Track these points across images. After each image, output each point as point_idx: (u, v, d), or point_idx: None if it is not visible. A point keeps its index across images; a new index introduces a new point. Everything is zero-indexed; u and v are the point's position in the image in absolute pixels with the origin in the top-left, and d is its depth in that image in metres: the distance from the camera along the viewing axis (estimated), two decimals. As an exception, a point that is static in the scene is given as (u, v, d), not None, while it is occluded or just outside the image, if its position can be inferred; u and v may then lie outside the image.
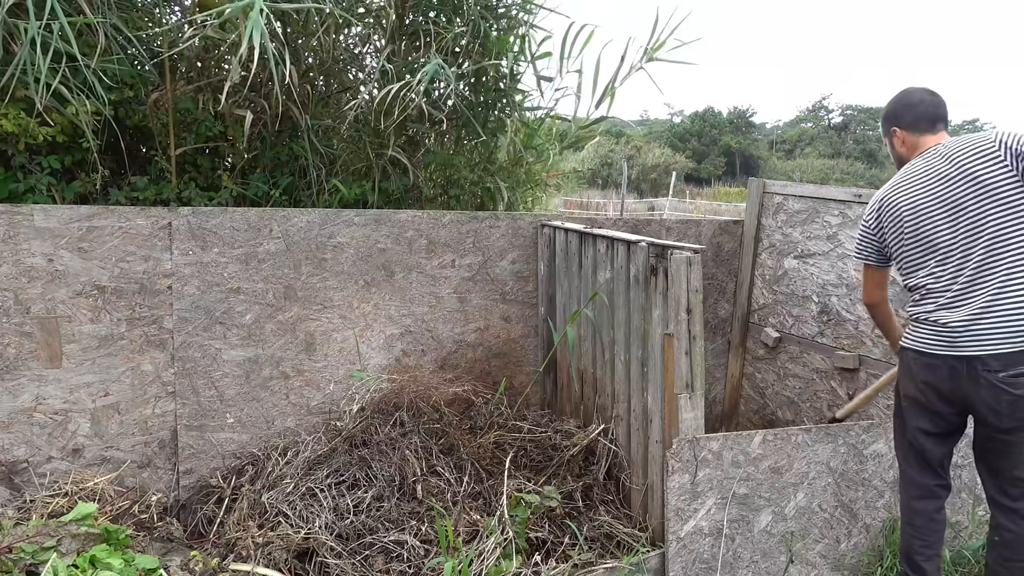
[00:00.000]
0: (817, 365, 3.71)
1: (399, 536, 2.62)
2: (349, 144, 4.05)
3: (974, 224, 2.21)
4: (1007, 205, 2.16)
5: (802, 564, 2.68)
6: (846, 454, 2.71)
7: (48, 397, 2.88)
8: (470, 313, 3.59)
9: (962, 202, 2.24)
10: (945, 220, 2.28)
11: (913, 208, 2.36)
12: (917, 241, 2.35)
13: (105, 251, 2.91)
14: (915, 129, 2.47)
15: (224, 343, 3.12)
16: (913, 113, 2.47)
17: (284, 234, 3.19)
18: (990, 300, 2.16)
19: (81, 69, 2.98)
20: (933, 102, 2.48)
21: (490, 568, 2.47)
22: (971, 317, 2.18)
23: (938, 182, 2.31)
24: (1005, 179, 2.17)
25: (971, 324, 2.18)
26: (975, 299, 2.19)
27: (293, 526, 2.63)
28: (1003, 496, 2.26)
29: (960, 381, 2.21)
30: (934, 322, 2.28)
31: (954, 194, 2.26)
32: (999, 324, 2.14)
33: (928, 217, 2.32)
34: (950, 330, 2.22)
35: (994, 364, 2.14)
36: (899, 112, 2.51)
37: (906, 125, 2.48)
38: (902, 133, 2.50)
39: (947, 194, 2.28)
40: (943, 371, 2.25)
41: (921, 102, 2.48)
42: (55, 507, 2.74)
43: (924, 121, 2.45)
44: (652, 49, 4.31)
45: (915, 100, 2.50)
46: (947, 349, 2.23)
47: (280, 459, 3.03)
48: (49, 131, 3.10)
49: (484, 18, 3.88)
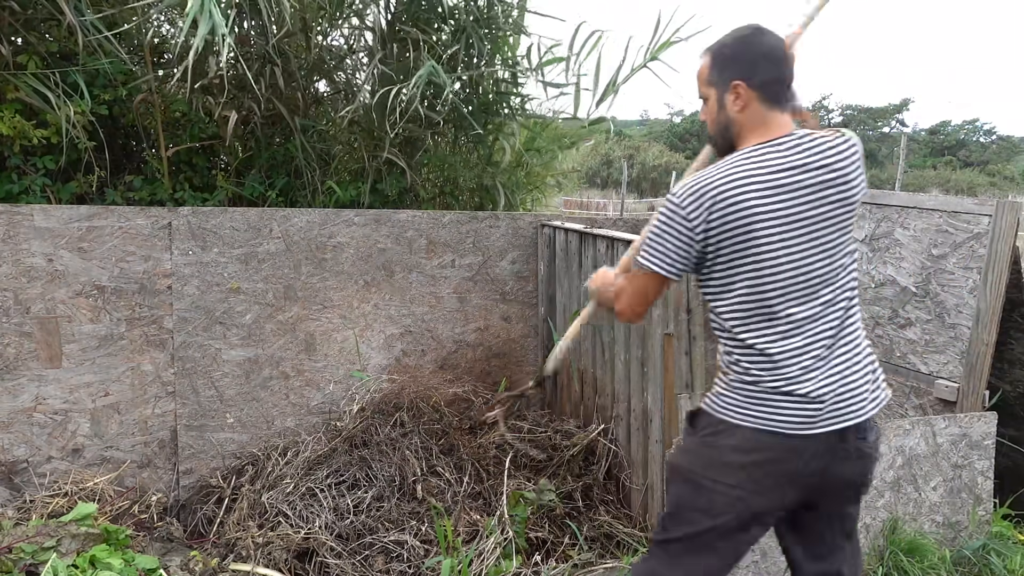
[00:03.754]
0: (817, 365, 3.71)
1: (399, 536, 2.62)
2: (345, 146, 4.05)
3: (835, 257, 1.70)
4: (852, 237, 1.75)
5: (802, 564, 2.68)
6: (846, 454, 2.70)
7: (48, 397, 2.88)
8: (470, 313, 3.59)
9: (828, 227, 1.69)
10: (809, 248, 1.67)
11: (771, 221, 1.65)
12: (766, 270, 1.68)
13: (105, 251, 2.91)
14: (767, 94, 1.70)
15: (224, 343, 3.12)
16: (772, 69, 1.70)
17: (284, 234, 3.19)
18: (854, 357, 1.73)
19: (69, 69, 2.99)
20: (791, 60, 1.76)
21: (490, 568, 2.47)
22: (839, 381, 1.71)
23: (811, 193, 1.67)
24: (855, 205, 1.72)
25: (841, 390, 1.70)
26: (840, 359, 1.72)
27: (293, 526, 2.63)
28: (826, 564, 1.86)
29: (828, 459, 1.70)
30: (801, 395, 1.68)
31: (826, 215, 1.68)
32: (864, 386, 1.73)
33: (791, 240, 1.66)
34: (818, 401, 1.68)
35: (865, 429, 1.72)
36: (748, 61, 1.70)
37: (757, 84, 1.69)
38: (748, 93, 1.69)
39: (820, 214, 1.67)
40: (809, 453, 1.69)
41: (782, 58, 1.72)
42: (55, 507, 2.74)
43: (783, 88, 1.72)
44: (656, 50, 4.31)
45: (772, 50, 1.71)
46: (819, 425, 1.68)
47: (280, 459, 3.02)
48: (44, 132, 3.10)
49: (475, 27, 3.87)
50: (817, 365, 1.69)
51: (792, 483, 1.71)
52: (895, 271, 3.26)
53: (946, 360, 3.05)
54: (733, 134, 1.77)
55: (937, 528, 2.84)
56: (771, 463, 1.69)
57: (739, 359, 1.74)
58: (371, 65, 3.63)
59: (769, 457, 1.69)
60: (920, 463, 2.80)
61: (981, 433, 2.87)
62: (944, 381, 3.04)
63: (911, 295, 3.19)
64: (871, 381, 1.75)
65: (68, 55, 3.29)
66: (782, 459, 1.69)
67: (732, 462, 1.71)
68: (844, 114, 50.26)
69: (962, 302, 2.98)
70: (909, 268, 3.20)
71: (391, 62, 3.72)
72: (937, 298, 3.08)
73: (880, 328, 3.34)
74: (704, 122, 1.89)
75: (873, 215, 3.36)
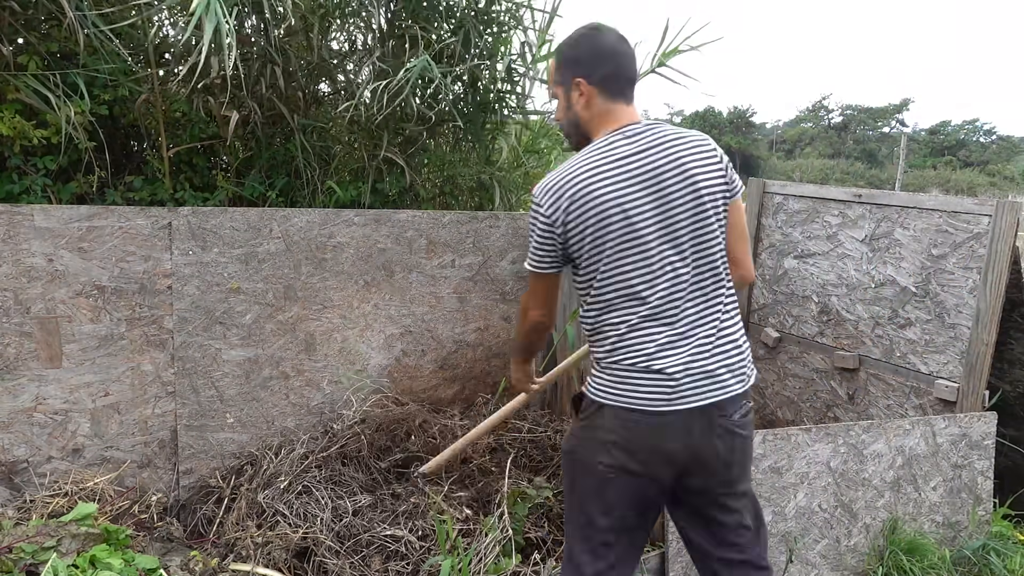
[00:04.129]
0: (817, 365, 3.71)
1: (396, 533, 2.62)
2: (345, 145, 4.05)
3: (692, 245, 1.81)
4: (716, 226, 1.83)
5: (802, 564, 2.68)
6: (846, 454, 2.71)
7: (48, 397, 2.88)
8: (470, 313, 3.59)
9: (679, 211, 1.79)
10: (660, 232, 1.79)
11: (624, 208, 1.78)
12: (624, 256, 1.79)
13: (105, 251, 2.91)
14: (608, 89, 1.83)
15: (224, 343, 3.12)
16: (610, 65, 1.83)
17: (284, 234, 3.19)
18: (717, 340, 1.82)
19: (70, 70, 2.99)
20: (631, 55, 1.87)
21: (489, 566, 2.47)
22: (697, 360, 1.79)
23: (651, 179, 1.79)
24: (720, 194, 1.84)
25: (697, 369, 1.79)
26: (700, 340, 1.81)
27: (291, 525, 2.63)
28: (731, 550, 1.90)
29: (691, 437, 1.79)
30: (656, 371, 1.77)
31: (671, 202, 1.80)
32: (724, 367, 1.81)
33: (643, 225, 1.78)
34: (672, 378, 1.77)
35: (729, 408, 1.80)
36: (587, 59, 1.84)
37: (597, 80, 1.82)
38: (589, 89, 1.83)
39: (664, 199, 1.79)
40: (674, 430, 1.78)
41: (619, 52, 1.84)
42: (55, 507, 2.74)
43: (622, 81, 1.84)
44: (663, 56, 4.32)
45: (609, 48, 1.84)
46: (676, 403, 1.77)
47: (274, 457, 3.02)
48: (44, 133, 3.10)
49: (474, 24, 3.87)
50: (673, 345, 1.79)
51: (663, 460, 1.80)
52: (895, 271, 3.26)
53: (946, 360, 3.05)
54: (583, 129, 1.90)
55: (937, 528, 2.84)
56: (639, 440, 1.79)
57: (604, 342, 1.85)
58: (368, 61, 3.63)
59: (637, 434, 1.79)
60: (920, 463, 2.81)
61: (981, 433, 2.87)
62: (944, 381, 3.04)
63: (911, 295, 3.19)
64: (735, 363, 1.84)
65: (68, 55, 3.29)
66: (648, 436, 1.79)
67: (607, 441, 1.82)
68: (844, 114, 50.26)
69: (962, 302, 2.98)
70: (909, 268, 3.20)
71: (389, 60, 3.72)
72: (937, 298, 3.09)
73: (880, 328, 3.34)
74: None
75: (873, 215, 3.36)
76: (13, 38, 3.09)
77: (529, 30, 4.24)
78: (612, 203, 1.78)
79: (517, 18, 4.22)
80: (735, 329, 1.87)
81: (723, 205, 1.85)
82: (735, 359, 1.84)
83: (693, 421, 1.78)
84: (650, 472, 1.81)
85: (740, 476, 1.89)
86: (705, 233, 1.81)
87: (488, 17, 4.04)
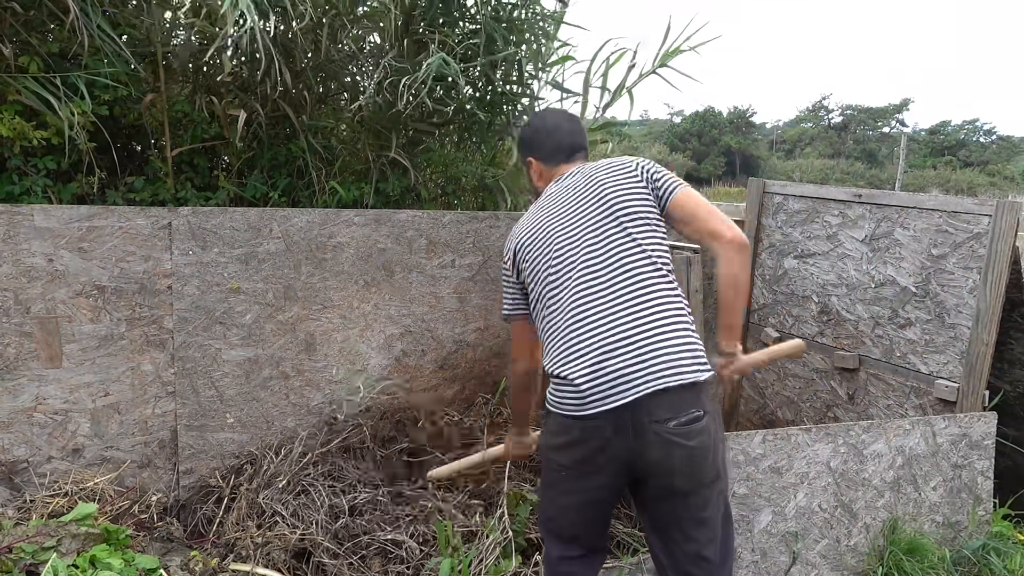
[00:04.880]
0: (817, 365, 3.71)
1: (396, 536, 2.62)
2: (348, 145, 4.05)
3: (605, 247, 1.94)
4: (632, 229, 1.95)
5: (802, 564, 2.69)
6: (846, 454, 2.71)
7: (48, 397, 2.88)
8: (470, 313, 3.59)
9: (589, 222, 1.98)
10: (570, 244, 1.99)
11: (542, 229, 2.06)
12: (541, 271, 2.02)
13: (105, 251, 2.91)
14: (551, 161, 2.22)
15: (224, 343, 3.12)
16: (551, 142, 2.22)
17: (284, 234, 3.19)
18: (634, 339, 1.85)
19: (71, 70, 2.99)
20: (571, 130, 2.23)
21: (489, 567, 2.47)
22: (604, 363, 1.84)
23: (564, 200, 2.06)
24: (638, 201, 1.99)
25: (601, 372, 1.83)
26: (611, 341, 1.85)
27: (290, 526, 2.63)
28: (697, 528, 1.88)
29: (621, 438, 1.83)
30: (562, 378, 1.88)
31: (580, 214, 2.01)
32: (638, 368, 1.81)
33: (555, 241, 2.01)
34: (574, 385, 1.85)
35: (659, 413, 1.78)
36: (534, 141, 2.25)
37: (543, 156, 2.23)
38: (538, 165, 2.24)
39: (573, 214, 2.02)
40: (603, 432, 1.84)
41: (557, 129, 2.22)
42: (55, 507, 2.74)
43: (561, 153, 2.21)
44: (665, 56, 4.32)
45: (550, 126, 2.24)
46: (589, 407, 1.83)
47: (275, 457, 3.02)
48: (44, 134, 3.10)
49: (494, 25, 3.87)
50: (578, 351, 1.86)
51: (596, 459, 1.86)
52: (895, 271, 3.26)
53: (946, 360, 3.05)
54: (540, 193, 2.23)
55: (937, 528, 2.84)
56: (576, 443, 1.87)
57: (544, 352, 1.99)
58: (384, 61, 3.61)
59: (573, 438, 1.87)
60: (920, 463, 2.81)
61: (981, 433, 2.87)
62: (944, 381, 3.04)
63: (911, 295, 3.19)
64: (658, 362, 1.80)
65: (69, 55, 3.29)
66: (582, 439, 1.85)
67: (553, 443, 1.94)
68: (844, 114, 50.27)
69: (962, 302, 2.98)
70: (909, 268, 3.20)
71: (404, 61, 3.71)
72: (937, 298, 3.09)
73: (880, 328, 3.34)
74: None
75: (873, 215, 3.36)
76: (14, 39, 3.08)
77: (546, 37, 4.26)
78: (535, 228, 2.07)
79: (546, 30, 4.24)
80: (662, 329, 1.84)
81: (643, 208, 1.99)
82: (657, 358, 1.80)
83: (608, 422, 1.80)
84: (591, 470, 1.87)
85: (692, 493, 1.83)
86: (620, 238, 1.93)
87: (511, 20, 4.05)
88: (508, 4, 4.07)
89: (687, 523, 1.86)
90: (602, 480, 1.88)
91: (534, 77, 4.34)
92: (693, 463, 1.79)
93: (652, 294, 1.88)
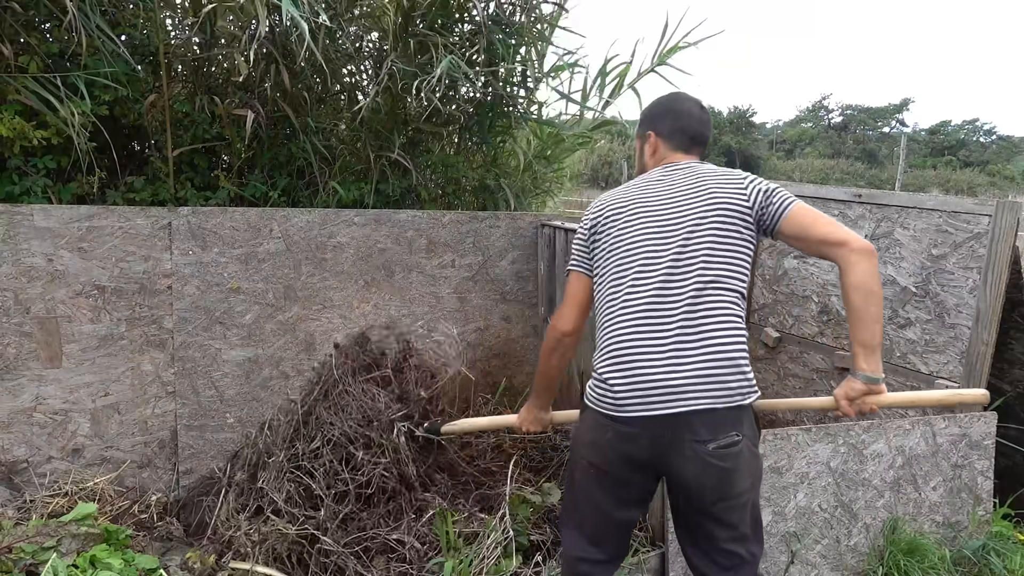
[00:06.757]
0: (817, 365, 3.71)
1: (399, 535, 2.61)
2: (348, 145, 4.05)
3: (688, 257, 1.86)
4: (723, 246, 1.88)
5: (802, 564, 2.68)
6: (846, 454, 2.71)
7: (48, 397, 2.88)
8: (470, 313, 3.59)
9: (679, 227, 1.90)
10: (651, 244, 1.90)
11: (626, 218, 1.98)
12: (614, 258, 1.95)
13: (105, 251, 2.91)
14: (671, 140, 2.12)
15: (224, 343, 3.12)
16: (678, 124, 2.12)
17: (284, 234, 3.19)
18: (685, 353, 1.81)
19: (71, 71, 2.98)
20: (701, 119, 2.15)
21: (490, 567, 2.47)
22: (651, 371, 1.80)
23: (664, 196, 1.98)
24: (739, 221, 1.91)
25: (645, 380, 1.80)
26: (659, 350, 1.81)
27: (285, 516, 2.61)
28: (713, 567, 1.93)
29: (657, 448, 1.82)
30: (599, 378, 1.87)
31: (673, 216, 1.93)
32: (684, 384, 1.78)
33: (637, 235, 1.93)
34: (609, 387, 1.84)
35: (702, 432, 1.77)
36: (662, 118, 2.16)
37: (666, 135, 2.13)
38: (657, 142, 2.14)
39: (666, 213, 1.94)
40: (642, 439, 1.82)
41: (688, 114, 2.13)
42: (55, 507, 2.74)
43: (685, 137, 2.11)
44: (664, 54, 4.33)
45: (682, 109, 2.15)
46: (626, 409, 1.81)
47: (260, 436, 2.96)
48: (44, 134, 3.10)
49: (493, 29, 3.88)
50: (622, 355, 1.83)
51: (625, 463, 1.86)
52: (895, 271, 3.26)
53: (946, 360, 3.05)
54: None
55: (937, 528, 2.84)
56: (608, 445, 1.85)
57: (597, 342, 1.93)
58: (387, 61, 3.60)
59: (607, 438, 1.85)
60: (920, 463, 2.81)
61: (981, 433, 2.87)
62: (944, 381, 3.04)
63: (911, 295, 3.19)
64: (706, 379, 1.78)
65: (69, 55, 3.29)
66: (615, 443, 1.84)
67: (586, 440, 1.93)
68: (844, 114, 50.27)
69: (962, 302, 2.98)
70: (909, 268, 3.20)
71: (407, 62, 3.71)
72: (937, 298, 3.08)
73: (880, 328, 3.34)
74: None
75: (873, 215, 3.36)
76: (14, 39, 3.08)
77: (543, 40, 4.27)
78: (627, 209, 1.98)
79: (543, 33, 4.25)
80: (718, 349, 1.80)
81: (741, 228, 1.91)
82: (710, 377, 1.78)
83: (644, 430, 1.79)
84: (617, 472, 1.88)
85: (720, 502, 1.84)
86: (707, 255, 1.85)
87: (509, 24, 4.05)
88: (507, 6, 4.07)
89: (712, 524, 1.88)
90: (631, 487, 1.91)
91: (535, 81, 4.35)
92: (723, 482, 1.80)
93: (718, 316, 1.83)
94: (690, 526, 1.94)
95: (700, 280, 1.83)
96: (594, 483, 1.93)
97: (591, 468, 1.92)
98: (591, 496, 1.95)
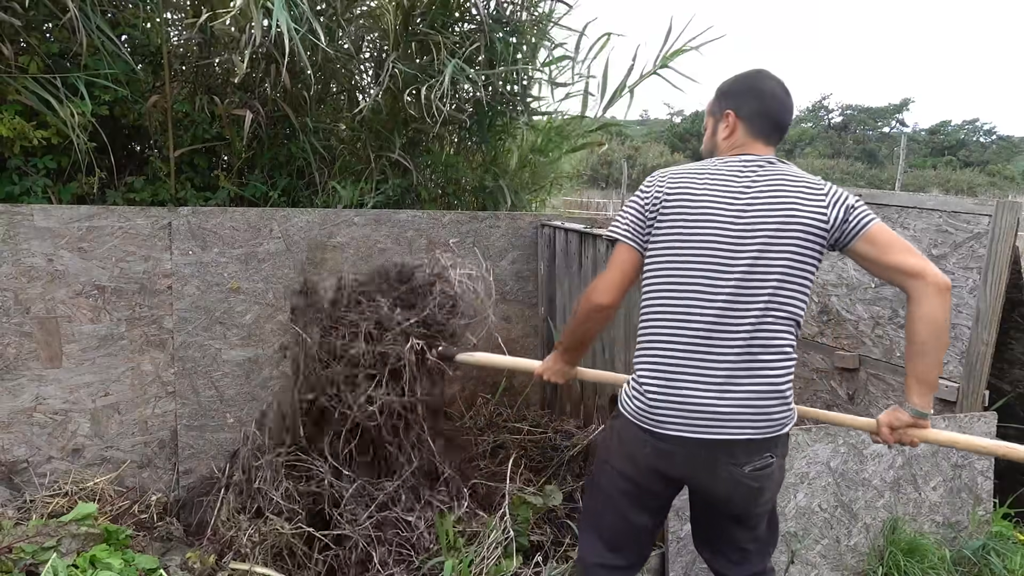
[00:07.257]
0: (817, 365, 3.71)
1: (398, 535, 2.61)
2: (348, 145, 4.05)
3: (752, 273, 1.73)
4: (788, 267, 1.74)
5: (802, 564, 2.68)
6: (846, 454, 2.71)
7: (48, 397, 2.88)
8: (470, 313, 3.58)
9: (757, 236, 1.74)
10: (718, 253, 1.74)
11: (700, 213, 1.78)
12: (676, 255, 1.78)
13: (105, 251, 2.91)
14: (752, 125, 1.88)
15: (224, 343, 3.12)
16: (761, 106, 1.88)
17: (284, 234, 3.19)
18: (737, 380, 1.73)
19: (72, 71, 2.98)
20: (786, 104, 1.92)
21: (490, 567, 2.47)
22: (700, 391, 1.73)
23: (740, 200, 1.78)
24: (814, 236, 1.77)
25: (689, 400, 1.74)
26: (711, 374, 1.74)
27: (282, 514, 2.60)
28: (729, 565, 1.97)
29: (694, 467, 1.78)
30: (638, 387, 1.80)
31: (760, 235, 1.75)
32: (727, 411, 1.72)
33: (705, 237, 1.76)
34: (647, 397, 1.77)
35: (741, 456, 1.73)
36: (743, 96, 1.90)
37: (745, 115, 1.88)
38: (736, 122, 1.89)
39: (754, 228, 1.75)
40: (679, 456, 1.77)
41: (773, 96, 1.89)
42: (55, 507, 2.74)
43: (767, 123, 1.89)
44: (667, 57, 4.33)
45: (766, 89, 1.90)
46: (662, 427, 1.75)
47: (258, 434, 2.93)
48: (44, 134, 3.10)
49: (494, 28, 3.87)
50: (673, 369, 1.74)
51: (661, 478, 1.83)
52: (895, 271, 3.26)
53: (946, 360, 3.05)
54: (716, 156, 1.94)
55: (937, 528, 2.84)
56: (644, 456, 1.81)
57: (638, 342, 1.83)
58: (388, 62, 3.60)
59: (644, 453, 1.80)
60: (920, 463, 2.81)
61: (981, 433, 2.87)
62: (944, 381, 3.04)
63: (911, 295, 3.19)
64: (749, 409, 1.71)
65: (69, 55, 3.29)
66: (650, 454, 1.79)
67: (621, 452, 1.87)
68: (844, 114, 50.27)
69: (962, 302, 2.98)
70: (909, 268, 3.20)
71: (408, 63, 3.71)
72: (937, 298, 3.08)
73: (880, 328, 3.34)
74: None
75: (873, 215, 3.36)
76: (14, 39, 3.08)
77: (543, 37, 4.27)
78: (691, 199, 1.79)
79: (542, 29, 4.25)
80: (769, 379, 1.73)
81: (813, 245, 1.77)
82: (756, 409, 1.72)
83: (681, 448, 1.74)
84: (647, 484, 1.86)
85: (744, 514, 1.88)
86: (778, 277, 1.73)
87: (508, 22, 4.05)
88: (508, 5, 4.07)
89: (733, 527, 1.92)
90: (658, 498, 1.92)
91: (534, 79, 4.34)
92: (752, 498, 1.81)
93: (775, 346, 1.74)
94: (709, 526, 1.97)
95: (766, 307, 1.72)
96: (621, 492, 1.89)
97: (621, 479, 1.88)
98: (616, 504, 1.91)
